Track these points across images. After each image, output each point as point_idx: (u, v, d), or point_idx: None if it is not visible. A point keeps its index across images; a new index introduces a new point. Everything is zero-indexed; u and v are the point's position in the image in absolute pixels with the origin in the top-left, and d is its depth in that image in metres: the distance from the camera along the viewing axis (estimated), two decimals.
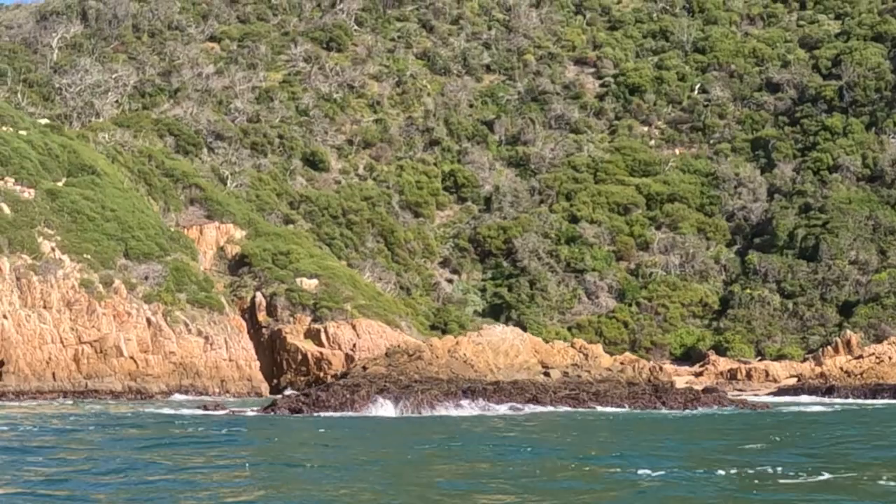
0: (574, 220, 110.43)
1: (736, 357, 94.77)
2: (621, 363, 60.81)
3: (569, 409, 52.78)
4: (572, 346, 61.33)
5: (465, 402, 51.37)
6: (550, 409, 52.09)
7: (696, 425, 44.73)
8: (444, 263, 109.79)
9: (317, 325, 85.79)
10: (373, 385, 52.59)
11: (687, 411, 55.91)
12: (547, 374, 57.93)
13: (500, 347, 58.31)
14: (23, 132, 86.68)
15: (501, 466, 26.70)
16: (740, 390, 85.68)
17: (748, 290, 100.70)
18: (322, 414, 50.19)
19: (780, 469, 25.49)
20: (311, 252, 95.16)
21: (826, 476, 24.53)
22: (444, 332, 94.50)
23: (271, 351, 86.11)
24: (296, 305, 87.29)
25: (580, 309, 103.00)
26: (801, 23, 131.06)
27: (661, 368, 62.95)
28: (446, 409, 50.74)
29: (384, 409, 50.37)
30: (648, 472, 24.57)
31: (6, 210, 78.19)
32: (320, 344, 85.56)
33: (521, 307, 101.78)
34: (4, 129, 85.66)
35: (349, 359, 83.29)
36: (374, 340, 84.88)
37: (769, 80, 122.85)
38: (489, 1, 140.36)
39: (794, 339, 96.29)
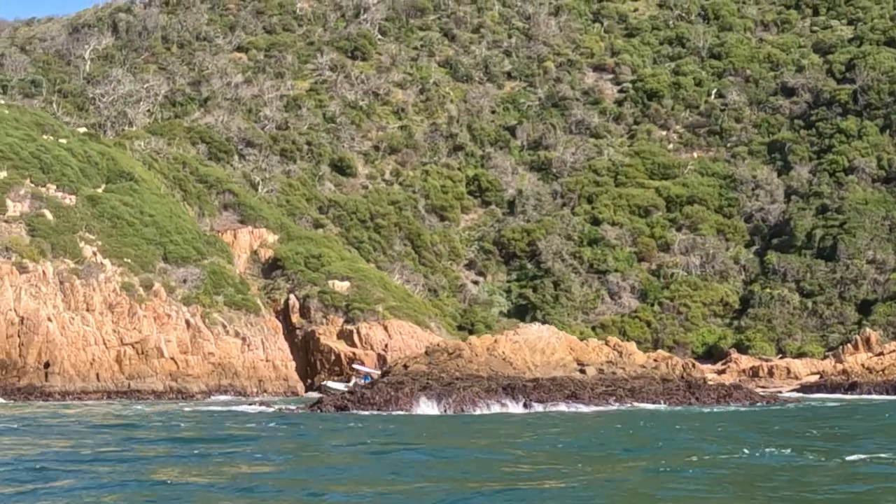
0: (596, 222, 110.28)
1: (757, 355, 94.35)
2: (655, 360, 60.60)
3: (621, 406, 52.53)
4: (606, 343, 61.16)
5: (507, 401, 51.18)
6: (593, 408, 51.79)
7: (747, 418, 44.57)
8: (470, 265, 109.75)
9: (349, 326, 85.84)
10: (416, 383, 52.46)
11: (720, 407, 55.69)
12: (583, 371, 57.72)
13: (537, 345, 58.16)
14: (63, 140, 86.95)
15: (588, 457, 26.61)
16: (763, 387, 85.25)
17: (768, 290, 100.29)
18: (365, 412, 49.96)
19: (860, 450, 25.61)
20: (341, 255, 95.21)
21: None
22: (471, 332, 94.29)
23: (305, 351, 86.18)
24: (328, 307, 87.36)
25: (603, 309, 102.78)
26: (815, 28, 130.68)
27: (693, 365, 62.76)
28: (489, 407, 50.51)
29: (428, 406, 50.20)
30: (754, 453, 24.77)
31: (49, 216, 78.40)
32: (353, 344, 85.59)
33: (546, 307, 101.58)
34: (45, 137, 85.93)
35: (381, 359, 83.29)
36: (405, 341, 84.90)
37: (784, 84, 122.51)
38: (509, 10, 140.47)
39: (814, 338, 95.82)
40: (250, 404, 56.01)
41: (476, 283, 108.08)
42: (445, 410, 49.80)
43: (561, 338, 59.69)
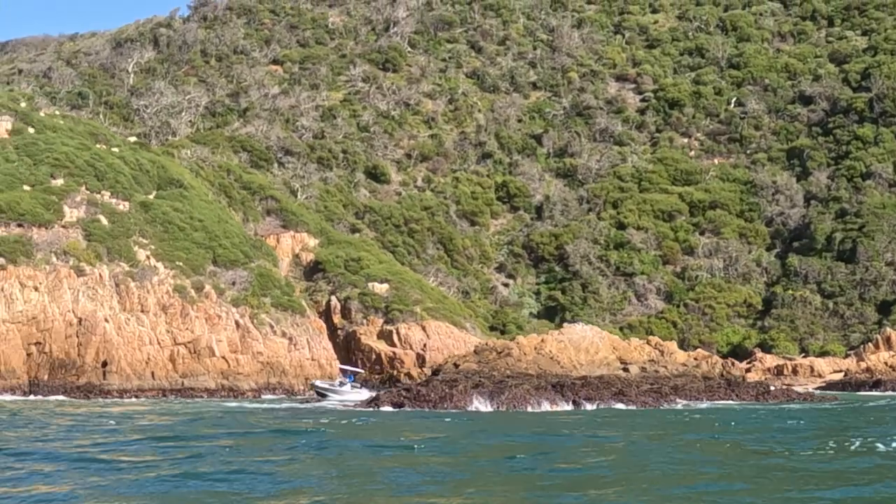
0: (621, 226, 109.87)
1: (781, 354, 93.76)
2: (695, 359, 60.18)
3: (673, 405, 52.07)
4: (648, 342, 60.76)
5: (557, 398, 50.79)
6: (640, 406, 51.30)
7: (802, 414, 44.12)
8: (500, 269, 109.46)
9: (389, 327, 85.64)
10: (468, 380, 52.17)
11: (760, 404, 55.21)
12: (626, 370, 57.37)
13: (581, 345, 57.82)
14: (115, 149, 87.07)
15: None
16: (788, 385, 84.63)
17: (790, 291, 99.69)
18: (417, 409, 49.61)
19: None
20: (379, 258, 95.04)
21: None
22: (503, 332, 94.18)
23: (346, 351, 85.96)
24: (368, 308, 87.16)
25: (630, 310, 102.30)
26: (830, 39, 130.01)
27: (733, 363, 62.29)
28: (539, 405, 50.05)
29: (481, 404, 49.82)
30: (883, 446, 24.85)
31: (104, 221, 78.49)
32: (392, 344, 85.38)
33: (575, 309, 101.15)
34: (99, 146, 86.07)
35: (420, 358, 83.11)
36: (442, 340, 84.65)
37: (802, 93, 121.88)
38: (533, 23, 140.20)
39: (836, 337, 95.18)
40: (305, 400, 55.70)
41: (506, 285, 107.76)
42: (498, 408, 49.42)
43: (604, 337, 59.35)
